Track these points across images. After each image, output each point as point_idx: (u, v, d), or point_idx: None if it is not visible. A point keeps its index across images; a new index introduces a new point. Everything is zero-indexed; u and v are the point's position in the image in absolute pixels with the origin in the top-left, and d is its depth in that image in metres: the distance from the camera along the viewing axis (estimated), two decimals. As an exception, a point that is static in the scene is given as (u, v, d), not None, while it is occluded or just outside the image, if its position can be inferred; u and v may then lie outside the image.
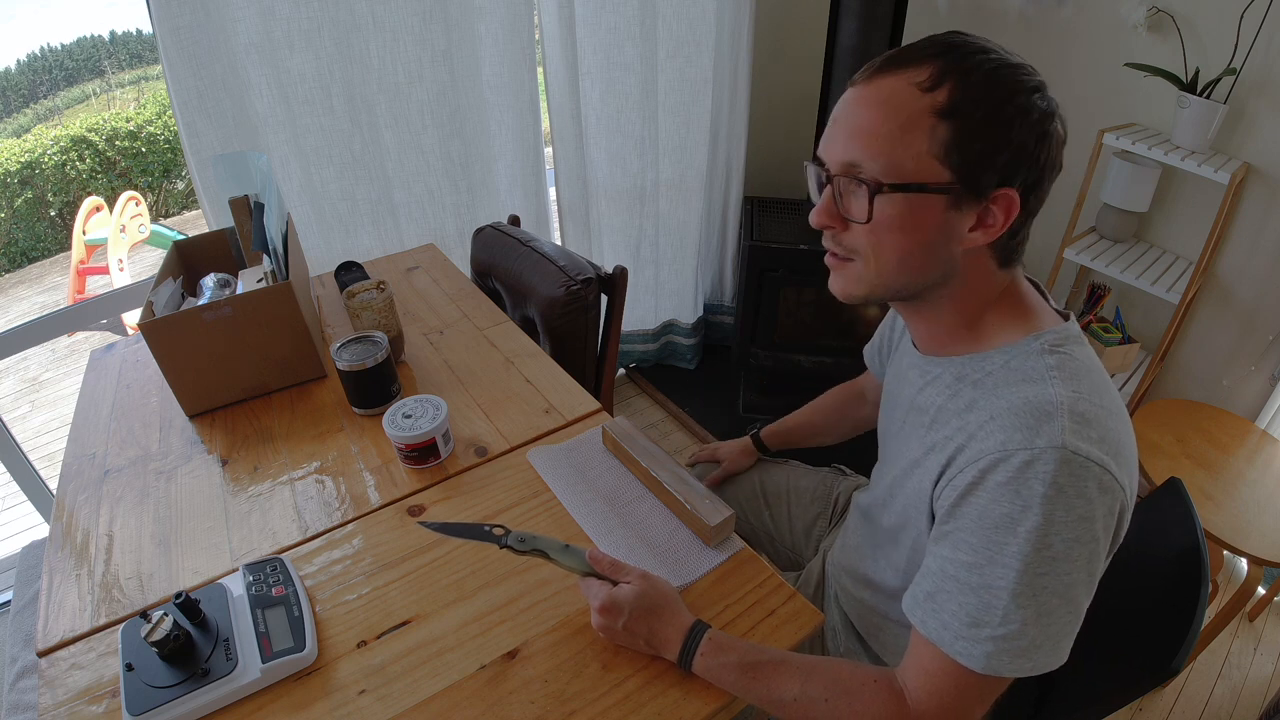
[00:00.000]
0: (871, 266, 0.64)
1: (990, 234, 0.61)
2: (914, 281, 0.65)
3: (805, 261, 1.90)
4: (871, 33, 1.66)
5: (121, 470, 1.01)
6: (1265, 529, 1.35)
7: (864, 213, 0.61)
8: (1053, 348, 0.63)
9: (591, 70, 1.78)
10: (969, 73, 0.58)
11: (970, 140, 0.58)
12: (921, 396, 0.72)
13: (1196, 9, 1.46)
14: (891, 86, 0.59)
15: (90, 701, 0.71)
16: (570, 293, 1.26)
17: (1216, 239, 1.49)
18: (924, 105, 0.58)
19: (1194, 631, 0.69)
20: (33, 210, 5.97)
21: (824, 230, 0.67)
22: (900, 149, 0.59)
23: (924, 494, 0.67)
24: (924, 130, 0.58)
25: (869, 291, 0.66)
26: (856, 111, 0.61)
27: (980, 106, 0.57)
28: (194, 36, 1.27)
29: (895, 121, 0.59)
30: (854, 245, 0.65)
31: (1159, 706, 1.48)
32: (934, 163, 0.59)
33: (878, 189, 0.60)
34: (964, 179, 0.59)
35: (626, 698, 0.69)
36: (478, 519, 0.90)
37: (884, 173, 0.59)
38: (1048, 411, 0.57)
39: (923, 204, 0.60)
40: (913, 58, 0.60)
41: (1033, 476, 0.55)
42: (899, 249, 0.62)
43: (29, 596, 1.19)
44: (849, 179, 0.61)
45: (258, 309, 1.06)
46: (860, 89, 0.62)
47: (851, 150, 0.61)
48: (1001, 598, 0.57)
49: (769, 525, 1.16)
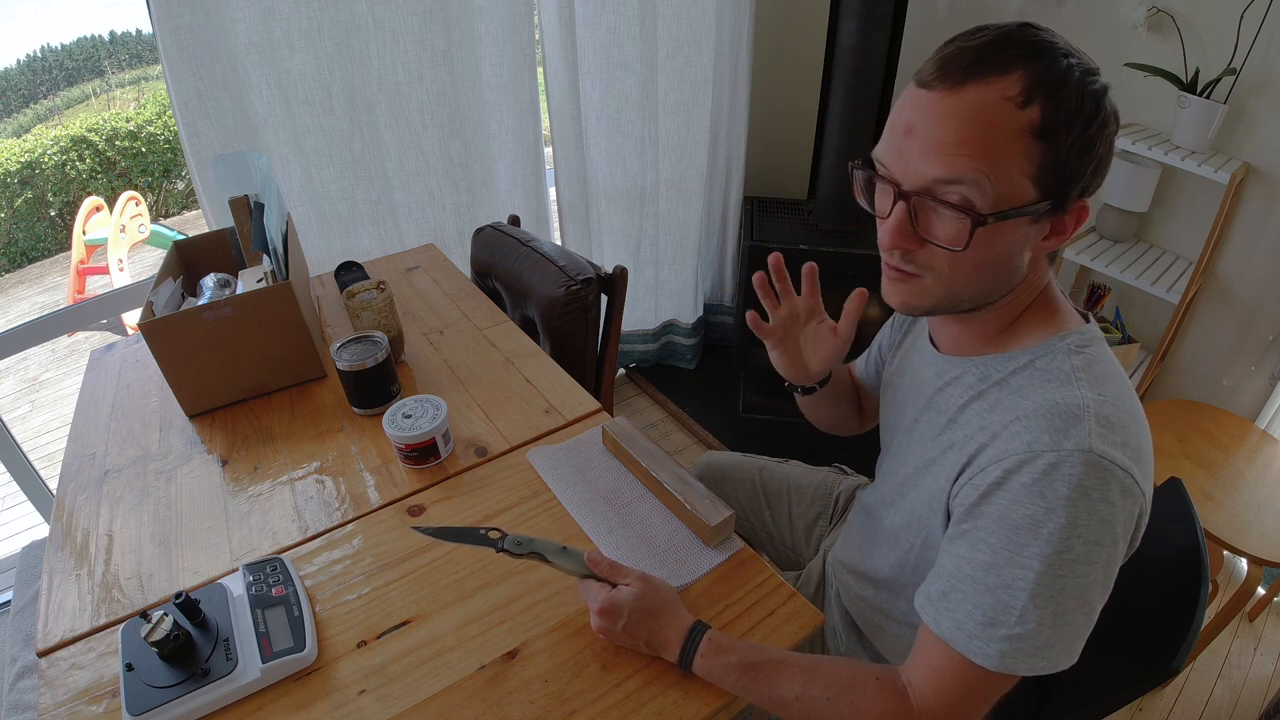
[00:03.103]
0: (944, 283, 0.62)
1: (1061, 241, 0.61)
2: (982, 293, 0.63)
3: (805, 261, 1.89)
4: (871, 33, 1.66)
5: (121, 470, 1.01)
6: (1265, 529, 1.35)
7: (961, 240, 0.57)
8: (1078, 348, 0.63)
9: (591, 70, 1.78)
10: (1060, 88, 0.55)
11: (1064, 162, 0.56)
12: (940, 397, 0.71)
13: (1196, 9, 1.46)
14: (982, 100, 0.55)
15: (90, 701, 0.71)
16: (570, 293, 1.26)
17: (1216, 239, 1.49)
18: (1019, 125, 0.55)
19: (1194, 631, 0.69)
20: (33, 210, 5.97)
21: (894, 250, 0.62)
22: (998, 173, 0.55)
23: (939, 493, 0.66)
24: (1020, 152, 0.55)
25: (933, 305, 0.65)
26: (942, 125, 0.56)
27: (1074, 127, 0.55)
28: (194, 36, 1.27)
29: (992, 143, 0.55)
30: (929, 264, 0.61)
31: (1159, 706, 1.48)
32: (1027, 183, 0.56)
33: (981, 221, 0.56)
34: (1051, 196, 0.57)
35: (626, 698, 0.69)
36: (478, 519, 0.90)
37: (982, 199, 0.56)
38: (1075, 415, 0.57)
39: (1011, 225, 0.58)
40: (999, 63, 0.55)
41: (1058, 479, 0.55)
42: (977, 267, 0.60)
43: (29, 596, 1.19)
44: (938, 202, 0.57)
45: (258, 309, 1.06)
46: (944, 98, 0.56)
47: (940, 169, 0.56)
48: (1020, 598, 0.57)
49: (769, 525, 1.16)
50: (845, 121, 1.78)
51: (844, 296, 0.79)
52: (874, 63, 1.70)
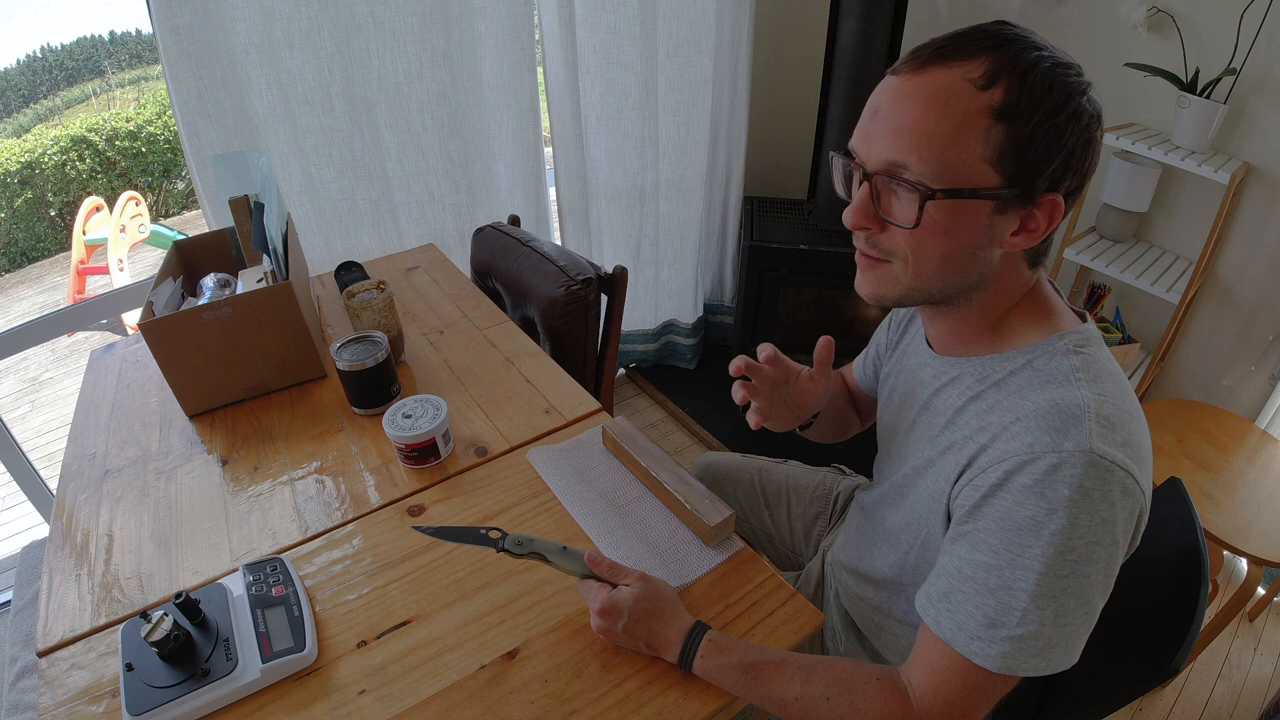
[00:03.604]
0: (910, 269, 0.62)
1: (1032, 239, 0.60)
2: (950, 285, 0.63)
3: (805, 261, 1.90)
4: (871, 33, 1.66)
5: (121, 470, 1.01)
6: (1265, 529, 1.35)
7: (910, 218, 0.58)
8: (1076, 348, 0.62)
9: (591, 70, 1.78)
10: (1026, 72, 0.55)
11: (1025, 145, 0.55)
12: (938, 398, 0.71)
13: (1196, 9, 1.46)
14: (942, 81, 0.56)
15: (90, 701, 0.71)
16: (570, 293, 1.26)
17: (1216, 239, 1.49)
18: (979, 104, 0.55)
19: (1194, 631, 0.69)
20: (33, 210, 5.97)
21: (857, 230, 0.63)
22: (952, 151, 0.56)
23: (939, 494, 0.66)
24: (978, 132, 0.55)
25: (902, 295, 0.64)
26: (903, 106, 0.57)
27: (1037, 110, 0.55)
28: (194, 36, 1.27)
29: (948, 121, 0.55)
30: (892, 248, 0.62)
31: (1159, 706, 1.48)
32: (985, 166, 0.56)
33: (929, 195, 0.56)
34: (1015, 184, 0.57)
35: (626, 698, 0.69)
36: (478, 519, 0.90)
37: (934, 177, 0.56)
38: (1075, 415, 0.57)
39: (970, 209, 0.58)
40: (964, 49, 0.56)
41: (1059, 480, 0.55)
42: (940, 253, 0.60)
43: (29, 596, 1.19)
44: (892, 179, 0.58)
45: (258, 309, 1.06)
46: (906, 80, 0.58)
47: (897, 149, 0.57)
48: (1021, 599, 0.57)
49: (769, 525, 1.16)
50: (845, 121, 1.78)
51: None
52: (874, 63, 1.70)
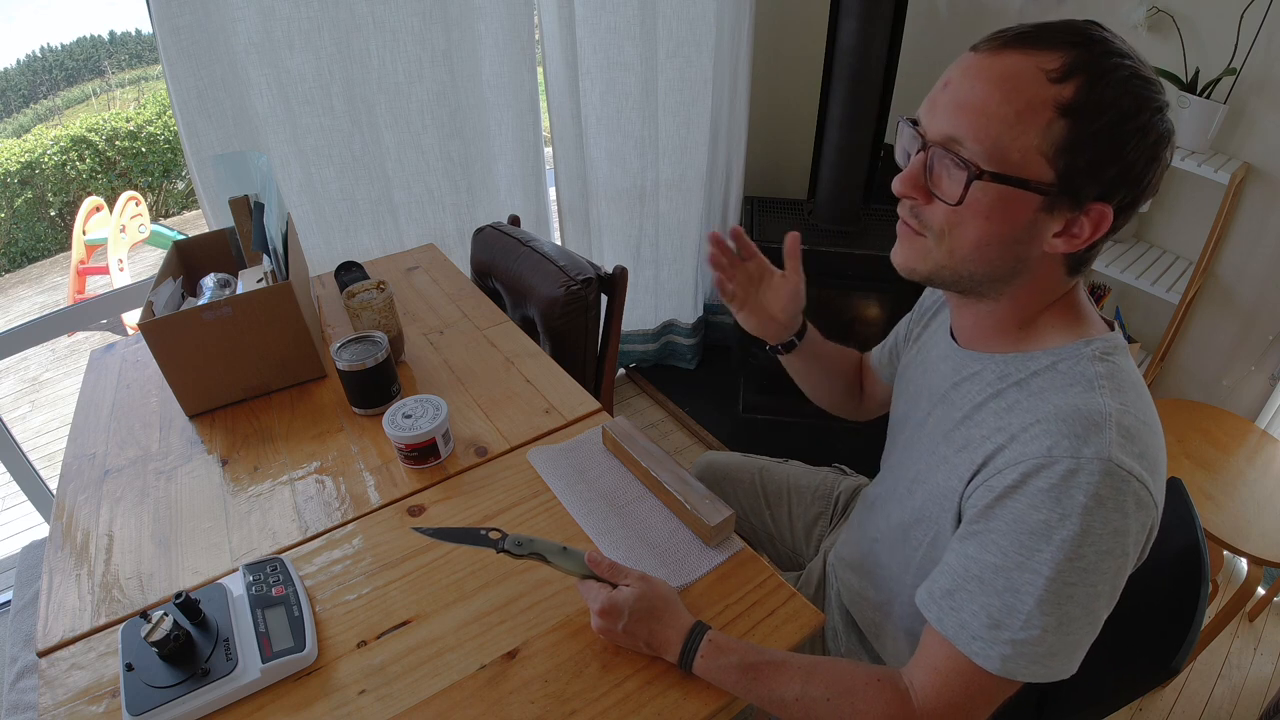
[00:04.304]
0: (944, 246, 0.61)
1: (1073, 244, 0.59)
2: (980, 272, 0.62)
3: (805, 262, 1.89)
4: (871, 33, 1.66)
5: (121, 470, 1.01)
6: (1265, 529, 1.35)
7: (955, 194, 0.58)
8: (1103, 355, 0.62)
9: (591, 70, 1.78)
10: (1101, 75, 0.54)
11: (1084, 146, 0.55)
12: (956, 391, 0.70)
13: (1196, 9, 1.46)
14: (1016, 65, 0.55)
15: (90, 701, 0.71)
16: (570, 293, 1.26)
17: (1216, 239, 1.49)
18: (1047, 96, 0.54)
19: (1194, 631, 0.69)
20: (33, 210, 5.97)
21: (904, 199, 0.63)
22: (1009, 136, 0.55)
23: (952, 491, 0.66)
24: (1040, 123, 0.55)
25: (932, 271, 0.64)
26: (972, 83, 0.57)
27: (1104, 115, 0.54)
28: (194, 36, 1.27)
29: (1011, 105, 0.55)
30: (931, 221, 0.62)
31: (1159, 706, 1.48)
32: (1040, 159, 0.56)
33: (977, 174, 0.56)
34: (1066, 184, 0.56)
35: (626, 698, 0.69)
36: (478, 519, 0.90)
37: (986, 158, 0.56)
38: (1097, 422, 0.56)
39: (1016, 199, 0.57)
40: (1046, 39, 0.55)
41: (1075, 486, 0.55)
42: (978, 237, 0.59)
43: (29, 596, 1.19)
44: (946, 153, 0.58)
45: (258, 309, 1.06)
46: (982, 58, 0.57)
47: (957, 124, 0.57)
48: (1026, 603, 0.56)
49: (769, 525, 1.16)
50: (845, 121, 1.78)
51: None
52: (874, 63, 1.70)
